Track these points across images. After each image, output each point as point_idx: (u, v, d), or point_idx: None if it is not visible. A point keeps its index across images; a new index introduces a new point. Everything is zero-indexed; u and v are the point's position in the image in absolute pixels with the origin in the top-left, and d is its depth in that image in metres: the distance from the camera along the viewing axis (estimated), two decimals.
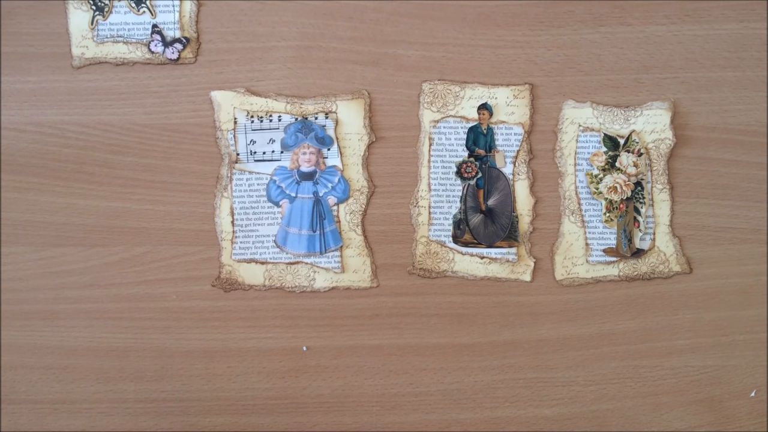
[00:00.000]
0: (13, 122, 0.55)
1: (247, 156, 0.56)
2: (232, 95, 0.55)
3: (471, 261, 0.57)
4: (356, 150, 0.56)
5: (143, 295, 0.56)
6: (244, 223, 0.56)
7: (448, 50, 0.56)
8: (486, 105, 0.56)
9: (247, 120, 0.55)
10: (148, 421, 0.55)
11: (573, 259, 0.57)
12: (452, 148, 0.57)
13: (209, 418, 0.55)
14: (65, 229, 0.55)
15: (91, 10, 0.55)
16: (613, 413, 0.57)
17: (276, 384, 0.56)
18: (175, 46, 0.55)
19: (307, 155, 0.56)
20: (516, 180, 0.57)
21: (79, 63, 0.55)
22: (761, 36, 0.57)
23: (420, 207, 0.57)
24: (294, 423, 0.56)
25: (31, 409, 0.54)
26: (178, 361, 0.55)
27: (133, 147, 0.55)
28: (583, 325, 0.57)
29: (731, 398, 0.58)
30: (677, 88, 0.57)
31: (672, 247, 0.57)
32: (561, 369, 0.57)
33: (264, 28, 0.56)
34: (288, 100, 0.56)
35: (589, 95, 0.57)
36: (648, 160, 0.57)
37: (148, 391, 0.55)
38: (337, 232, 0.56)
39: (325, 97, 0.56)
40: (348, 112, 0.56)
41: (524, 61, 0.57)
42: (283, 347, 0.56)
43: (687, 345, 0.58)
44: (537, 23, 0.57)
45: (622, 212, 0.57)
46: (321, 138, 0.56)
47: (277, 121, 0.56)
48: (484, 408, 0.57)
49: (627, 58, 0.57)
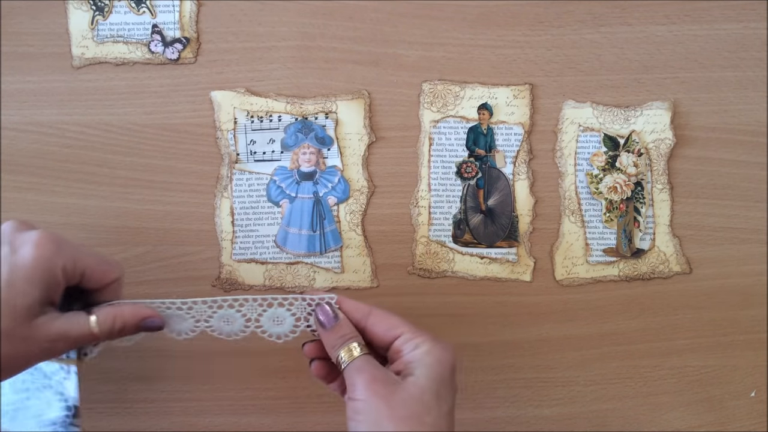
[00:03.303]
0: (13, 122, 0.55)
1: (247, 156, 0.56)
2: (232, 95, 0.55)
3: (471, 261, 0.57)
4: (356, 150, 0.56)
5: (143, 295, 0.55)
6: (244, 223, 0.56)
7: (448, 50, 0.56)
8: (486, 105, 0.56)
9: (247, 120, 0.55)
10: (148, 421, 0.55)
11: (573, 259, 0.57)
12: (452, 148, 0.57)
13: (209, 418, 0.55)
14: (65, 229, 0.55)
15: (91, 10, 0.55)
16: (613, 413, 0.57)
17: (276, 384, 0.56)
18: (175, 46, 0.55)
19: (307, 155, 0.56)
20: (516, 180, 0.57)
21: (79, 63, 0.55)
22: (761, 36, 0.57)
23: (420, 207, 0.57)
24: (294, 423, 0.56)
25: None
26: (178, 361, 0.55)
27: (133, 147, 0.55)
28: (583, 325, 0.57)
29: (731, 398, 0.58)
30: (677, 88, 0.57)
31: (672, 247, 0.57)
32: (561, 369, 0.57)
33: (264, 28, 0.56)
34: (288, 100, 0.56)
35: (589, 95, 0.57)
36: (648, 160, 0.57)
37: (148, 391, 0.55)
38: (337, 232, 0.56)
39: (325, 97, 0.56)
40: (348, 112, 0.56)
41: (524, 61, 0.57)
42: (283, 347, 0.56)
43: (687, 345, 0.58)
44: (537, 23, 0.57)
45: (622, 212, 0.57)
46: (321, 138, 0.56)
47: (277, 121, 0.56)
48: (484, 408, 0.57)
49: (627, 58, 0.57)
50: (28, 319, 0.39)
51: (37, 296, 0.39)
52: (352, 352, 0.41)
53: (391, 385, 0.38)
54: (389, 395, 0.38)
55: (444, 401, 0.39)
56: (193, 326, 0.45)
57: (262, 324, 0.45)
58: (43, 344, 0.39)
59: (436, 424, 0.38)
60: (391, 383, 0.39)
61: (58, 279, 0.40)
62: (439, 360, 0.39)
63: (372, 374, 0.39)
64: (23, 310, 0.38)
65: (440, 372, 0.39)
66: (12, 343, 0.38)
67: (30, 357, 0.40)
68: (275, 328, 0.45)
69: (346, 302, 0.43)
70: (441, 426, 0.38)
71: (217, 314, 0.45)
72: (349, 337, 0.41)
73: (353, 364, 0.40)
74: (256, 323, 0.45)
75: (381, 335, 0.42)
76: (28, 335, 0.39)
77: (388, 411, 0.37)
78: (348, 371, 0.40)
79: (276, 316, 0.45)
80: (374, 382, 0.38)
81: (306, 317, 0.45)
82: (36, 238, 0.39)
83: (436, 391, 0.38)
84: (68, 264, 0.40)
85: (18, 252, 0.39)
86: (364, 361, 0.40)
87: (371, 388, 0.38)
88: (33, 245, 0.39)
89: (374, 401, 0.38)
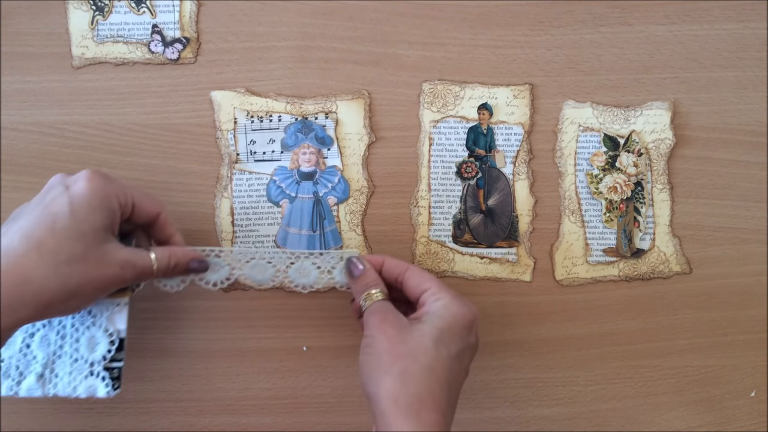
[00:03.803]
0: (13, 122, 0.55)
1: (247, 156, 0.56)
2: (232, 95, 0.55)
3: (471, 261, 0.57)
4: (356, 150, 0.56)
5: (144, 295, 0.55)
6: (244, 223, 0.56)
7: (448, 50, 0.56)
8: (486, 105, 0.56)
9: (247, 120, 0.55)
10: (148, 421, 0.55)
11: (573, 259, 0.57)
12: (452, 148, 0.57)
13: (209, 418, 0.55)
14: None
15: (91, 10, 0.55)
16: (613, 413, 0.57)
17: (276, 384, 0.56)
18: (175, 46, 0.55)
19: (307, 155, 0.56)
20: (516, 180, 0.57)
21: (79, 63, 0.55)
22: (761, 36, 0.57)
23: (420, 207, 0.57)
24: (294, 423, 0.56)
25: (31, 409, 0.54)
26: (178, 361, 0.55)
27: (133, 147, 0.55)
28: (583, 325, 0.57)
29: (731, 398, 0.58)
30: (677, 88, 0.57)
31: (672, 247, 0.57)
32: (561, 369, 0.57)
33: (264, 28, 0.56)
34: (288, 100, 0.56)
35: (589, 95, 0.57)
36: (648, 160, 0.57)
37: (148, 391, 0.55)
38: (337, 232, 0.56)
39: (325, 97, 0.56)
40: (348, 112, 0.56)
41: (524, 61, 0.57)
42: (283, 347, 0.56)
43: (687, 345, 0.58)
44: (537, 23, 0.57)
45: (622, 212, 0.57)
46: (321, 138, 0.56)
47: (277, 121, 0.56)
48: (484, 408, 0.57)
49: (627, 58, 0.57)
50: (97, 244, 0.42)
51: (99, 222, 0.42)
52: (372, 297, 0.46)
53: (398, 326, 0.43)
54: (394, 335, 0.43)
55: (444, 346, 0.43)
56: (228, 274, 0.50)
57: (290, 275, 0.51)
58: (116, 268, 0.43)
59: (430, 365, 0.41)
60: (400, 325, 0.43)
61: (114, 206, 0.44)
62: (453, 313, 0.44)
63: (384, 316, 0.44)
64: (91, 235, 0.42)
65: (450, 323, 0.43)
66: (88, 266, 0.41)
67: (105, 280, 0.43)
68: (301, 279, 0.51)
69: (388, 261, 0.49)
70: (435, 367, 0.42)
71: (249, 263, 0.50)
72: (371, 285, 0.47)
73: (371, 307, 0.46)
74: (284, 273, 0.51)
75: (412, 289, 0.47)
76: (100, 258, 0.42)
77: (388, 346, 0.42)
78: (366, 313, 0.46)
79: (302, 268, 0.51)
80: (384, 323, 0.44)
81: (330, 270, 0.51)
82: (86, 174, 0.43)
83: (437, 337, 0.43)
84: (119, 194, 0.44)
85: (72, 188, 0.43)
86: (380, 305, 0.46)
87: (380, 327, 0.43)
88: (85, 179, 0.43)
89: (380, 338, 0.43)
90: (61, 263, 0.40)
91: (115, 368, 0.47)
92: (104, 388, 0.46)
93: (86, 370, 0.46)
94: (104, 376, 0.46)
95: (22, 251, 0.40)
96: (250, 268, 0.50)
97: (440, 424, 0.40)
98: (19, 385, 0.46)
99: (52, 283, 0.40)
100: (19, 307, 0.39)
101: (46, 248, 0.40)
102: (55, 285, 0.40)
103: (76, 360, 0.47)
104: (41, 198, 0.43)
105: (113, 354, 0.47)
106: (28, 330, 0.47)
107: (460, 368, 0.44)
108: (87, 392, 0.46)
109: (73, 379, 0.46)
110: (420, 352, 0.42)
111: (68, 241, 0.40)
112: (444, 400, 0.41)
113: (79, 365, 0.47)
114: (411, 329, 0.43)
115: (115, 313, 0.47)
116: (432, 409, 0.40)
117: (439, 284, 0.46)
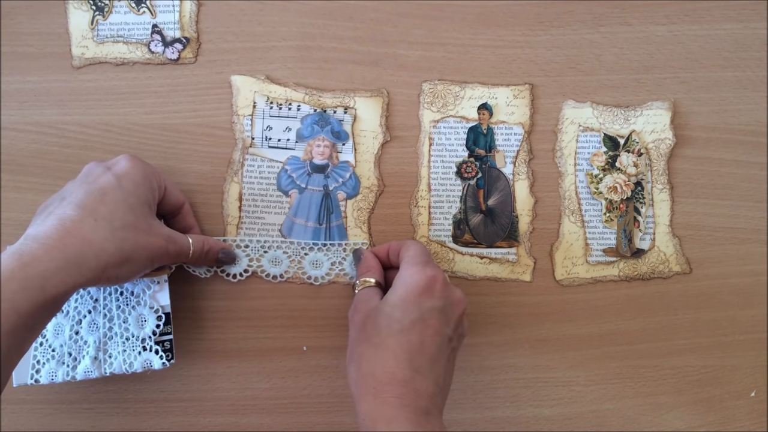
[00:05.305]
0: (13, 122, 0.55)
1: (261, 141, 0.56)
2: (252, 80, 0.55)
3: (471, 261, 0.57)
4: (369, 147, 0.56)
5: None
6: (251, 210, 0.56)
7: (448, 50, 0.56)
8: (486, 105, 0.56)
9: (266, 105, 0.55)
10: (148, 421, 0.55)
11: (573, 259, 0.57)
12: (452, 148, 0.57)
13: (209, 418, 0.55)
14: None
15: (91, 10, 0.55)
16: (613, 413, 0.57)
17: (276, 384, 0.56)
18: (175, 46, 0.55)
19: (321, 148, 0.56)
20: (516, 180, 0.57)
21: (79, 63, 0.55)
22: (761, 36, 0.57)
23: (420, 207, 0.57)
24: (294, 423, 0.56)
25: (31, 409, 0.54)
26: (178, 361, 0.55)
27: (133, 147, 0.55)
28: (583, 325, 0.57)
29: (731, 398, 0.58)
30: (677, 88, 0.57)
31: (672, 247, 0.57)
32: (561, 369, 0.57)
33: (264, 28, 0.56)
34: (306, 92, 0.56)
35: (589, 95, 0.57)
36: (648, 160, 0.57)
37: (148, 391, 0.55)
38: (343, 227, 0.56)
39: (344, 92, 0.56)
40: (366, 109, 0.56)
41: (524, 61, 0.57)
42: (283, 347, 0.56)
43: (687, 345, 0.58)
44: (537, 23, 0.57)
45: (622, 212, 0.57)
46: (337, 132, 0.56)
47: (295, 110, 0.56)
48: (484, 408, 0.57)
49: (627, 58, 0.57)
50: (144, 216, 0.45)
51: (143, 197, 0.45)
52: (364, 284, 0.50)
53: (365, 312, 0.46)
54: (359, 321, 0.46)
55: (396, 321, 0.44)
56: (247, 266, 0.54)
57: (304, 266, 0.54)
58: (162, 240, 0.46)
59: (382, 342, 0.44)
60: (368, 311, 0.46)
61: (154, 185, 0.47)
62: (405, 283, 0.46)
63: (356, 305, 0.48)
64: (138, 208, 0.44)
65: (402, 294, 0.45)
66: (138, 234, 0.44)
67: (153, 250, 0.45)
68: (314, 270, 0.54)
69: (392, 244, 0.52)
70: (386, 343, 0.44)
71: (267, 255, 0.54)
72: (365, 272, 0.51)
73: (356, 296, 0.49)
74: (298, 265, 0.54)
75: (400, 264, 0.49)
76: (149, 228, 0.45)
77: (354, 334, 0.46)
78: None
79: (316, 260, 0.54)
80: (355, 312, 0.48)
81: (341, 261, 0.54)
82: (126, 156, 0.47)
83: (388, 313, 0.45)
84: (157, 176, 0.48)
85: (115, 167, 0.46)
86: (363, 292, 0.49)
87: (352, 317, 0.48)
88: (127, 159, 0.46)
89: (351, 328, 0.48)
90: (116, 228, 0.42)
91: (166, 341, 0.50)
92: (159, 360, 0.49)
93: (139, 346, 0.49)
94: (157, 350, 0.49)
95: (78, 218, 0.41)
96: (266, 260, 0.54)
97: (403, 394, 0.41)
98: (75, 369, 0.48)
99: (110, 246, 0.42)
100: (83, 267, 0.40)
101: (100, 215, 0.42)
102: (112, 248, 0.42)
103: (127, 339, 0.49)
104: (82, 180, 0.45)
105: (162, 328, 0.50)
106: (75, 318, 0.49)
107: (423, 335, 0.44)
108: (143, 366, 0.49)
109: (127, 356, 0.49)
110: (374, 334, 0.44)
111: (119, 210, 0.43)
112: (405, 370, 0.42)
113: (131, 343, 0.49)
114: (376, 311, 0.46)
115: (157, 292, 0.50)
116: (388, 382, 0.42)
117: (411, 256, 0.48)
